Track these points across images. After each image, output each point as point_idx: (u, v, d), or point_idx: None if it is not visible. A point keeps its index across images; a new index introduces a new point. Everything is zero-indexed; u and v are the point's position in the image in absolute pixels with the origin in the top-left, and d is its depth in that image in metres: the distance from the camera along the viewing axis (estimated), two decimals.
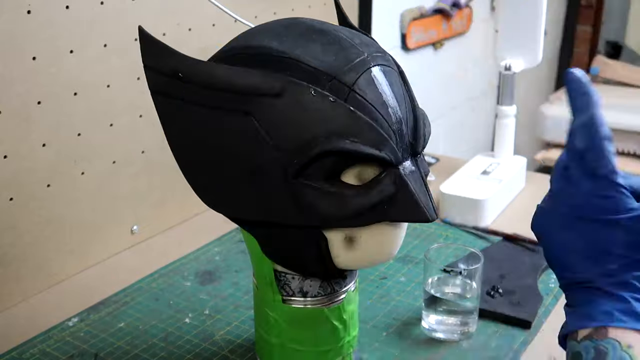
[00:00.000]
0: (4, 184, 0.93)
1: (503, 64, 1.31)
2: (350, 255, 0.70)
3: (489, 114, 2.35)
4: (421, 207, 0.66)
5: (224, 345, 0.88)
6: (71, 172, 1.02)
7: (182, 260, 1.10)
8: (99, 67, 1.02)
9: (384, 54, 0.70)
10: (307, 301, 0.75)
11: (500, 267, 1.03)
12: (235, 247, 1.14)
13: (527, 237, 1.12)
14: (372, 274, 1.04)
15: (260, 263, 0.74)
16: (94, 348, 0.88)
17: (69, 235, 1.04)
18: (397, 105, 0.67)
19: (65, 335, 0.91)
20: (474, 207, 1.19)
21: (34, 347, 0.88)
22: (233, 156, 0.67)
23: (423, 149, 0.70)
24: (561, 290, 0.67)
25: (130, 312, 0.96)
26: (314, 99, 0.63)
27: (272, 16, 1.27)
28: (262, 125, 0.64)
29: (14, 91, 0.92)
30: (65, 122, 0.99)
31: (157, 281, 1.04)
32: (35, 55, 0.93)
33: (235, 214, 0.71)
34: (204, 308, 0.97)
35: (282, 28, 0.69)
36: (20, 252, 0.97)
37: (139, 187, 1.14)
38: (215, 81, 0.65)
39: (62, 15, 0.95)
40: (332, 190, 0.65)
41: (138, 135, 1.11)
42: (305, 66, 0.65)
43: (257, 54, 0.67)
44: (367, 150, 0.63)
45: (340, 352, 0.78)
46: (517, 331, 0.90)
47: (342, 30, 0.70)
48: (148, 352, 0.87)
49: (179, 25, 1.13)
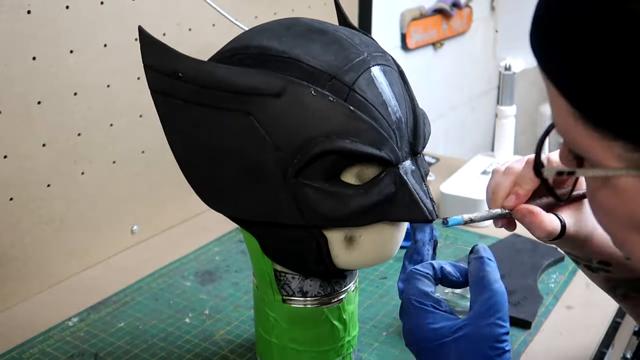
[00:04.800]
0: (4, 184, 0.93)
1: (503, 64, 1.31)
2: (350, 255, 0.70)
3: (489, 114, 2.35)
4: (421, 206, 0.66)
5: (224, 345, 0.88)
6: (71, 172, 1.02)
7: (182, 260, 1.10)
8: (99, 67, 1.02)
9: (384, 53, 0.70)
10: (307, 301, 0.75)
11: (500, 267, 1.03)
12: (235, 247, 1.14)
13: (528, 237, 1.12)
14: (372, 274, 1.04)
15: (260, 263, 0.74)
16: (94, 348, 0.88)
17: (69, 235, 1.04)
18: (397, 104, 0.67)
19: (65, 335, 0.91)
20: (474, 207, 1.19)
21: (34, 347, 0.88)
22: (233, 156, 0.67)
23: (423, 148, 0.70)
24: (561, 291, 0.67)
25: (130, 312, 0.96)
26: (314, 98, 0.63)
27: (272, 16, 1.27)
28: (262, 125, 0.64)
29: (14, 91, 0.92)
30: (65, 122, 0.99)
31: (157, 281, 1.04)
32: (35, 55, 0.93)
33: (235, 214, 0.71)
34: (204, 308, 0.97)
35: (282, 28, 0.69)
36: (20, 252, 0.97)
37: (139, 187, 1.14)
38: (215, 81, 0.65)
39: (62, 15, 0.95)
40: (332, 190, 0.65)
41: (138, 135, 1.11)
42: (305, 66, 0.65)
43: (257, 54, 0.67)
44: (367, 150, 0.63)
45: (340, 352, 0.78)
46: (517, 331, 0.90)
47: (342, 30, 0.70)
48: (148, 352, 0.87)
49: (179, 25, 1.13)
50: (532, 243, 1.11)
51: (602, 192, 0.46)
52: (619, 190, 0.44)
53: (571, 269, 1.05)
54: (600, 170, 0.44)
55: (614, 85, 0.39)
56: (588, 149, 0.44)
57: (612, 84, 0.40)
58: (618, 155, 0.42)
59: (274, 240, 0.71)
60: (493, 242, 1.14)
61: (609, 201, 0.46)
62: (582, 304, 0.97)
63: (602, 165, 0.43)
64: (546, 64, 0.44)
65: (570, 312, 0.96)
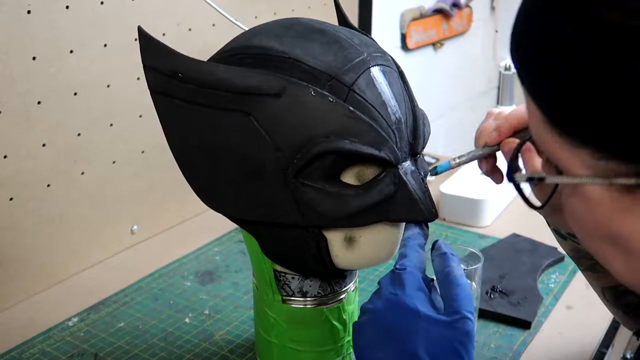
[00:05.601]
0: (4, 184, 0.93)
1: (503, 64, 1.31)
2: (350, 255, 0.70)
3: None
4: (420, 206, 0.66)
5: (224, 345, 0.89)
6: (71, 172, 1.02)
7: (182, 260, 1.10)
8: (99, 67, 1.02)
9: (384, 54, 0.70)
10: (307, 301, 0.75)
11: (500, 267, 1.03)
12: (235, 247, 1.14)
13: (528, 237, 1.13)
14: (372, 274, 1.04)
15: (260, 263, 0.74)
16: (94, 348, 0.88)
17: (69, 235, 1.04)
18: (396, 105, 0.67)
19: (65, 335, 0.91)
20: (474, 207, 1.19)
21: (34, 347, 0.88)
22: (233, 156, 0.67)
23: (423, 149, 0.70)
24: (561, 291, 0.67)
25: (130, 312, 0.96)
26: (313, 99, 0.63)
27: (272, 16, 1.27)
28: (262, 125, 0.64)
29: (14, 91, 0.92)
30: (65, 122, 0.99)
31: (157, 281, 1.04)
32: (35, 55, 0.93)
33: (235, 214, 0.71)
34: (204, 308, 0.97)
35: (281, 28, 0.69)
36: (20, 252, 0.97)
37: (139, 187, 1.14)
38: (215, 81, 0.65)
39: (62, 15, 0.95)
40: (331, 190, 0.65)
41: (138, 135, 1.11)
42: (305, 66, 0.65)
43: (257, 54, 0.67)
44: (367, 150, 0.63)
45: (340, 352, 0.78)
46: (517, 331, 0.90)
47: (342, 30, 0.70)
48: (148, 352, 0.87)
49: (179, 25, 1.13)
50: (532, 243, 1.11)
51: (571, 200, 0.46)
52: (586, 199, 0.44)
53: (571, 269, 1.05)
54: (567, 177, 0.44)
55: (579, 92, 0.40)
56: (557, 155, 0.44)
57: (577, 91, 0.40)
58: (584, 163, 0.42)
59: (273, 241, 0.71)
60: (493, 242, 1.13)
61: (578, 209, 0.46)
62: (582, 304, 0.97)
63: (569, 172, 0.43)
64: (520, 71, 0.45)
65: (570, 312, 0.96)
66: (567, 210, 0.48)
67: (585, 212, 0.45)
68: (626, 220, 0.42)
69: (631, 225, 0.42)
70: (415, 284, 0.62)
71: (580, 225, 0.47)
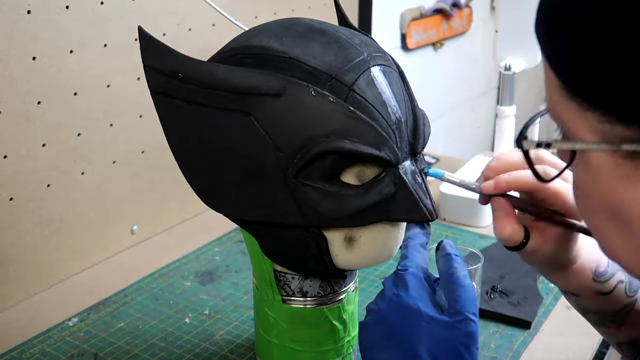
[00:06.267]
0: (4, 184, 0.93)
1: (503, 64, 1.31)
2: (350, 255, 0.70)
3: (489, 114, 2.35)
4: (420, 206, 0.66)
5: (224, 345, 0.89)
6: (71, 172, 1.02)
7: (182, 260, 1.10)
8: (99, 67, 1.02)
9: (384, 54, 0.70)
10: (307, 301, 0.75)
11: (500, 267, 1.03)
12: (235, 247, 1.14)
13: None
14: (372, 274, 1.04)
15: (260, 263, 0.74)
16: (94, 348, 0.88)
17: (69, 235, 1.04)
18: (396, 105, 0.67)
19: (65, 335, 0.91)
20: (474, 207, 1.19)
21: (34, 347, 0.88)
22: (233, 156, 0.67)
23: (423, 148, 0.70)
24: (561, 291, 0.67)
25: (130, 312, 0.96)
26: (313, 99, 0.63)
27: (272, 16, 1.27)
28: (262, 125, 0.64)
29: (14, 91, 0.92)
30: (65, 122, 0.99)
31: (157, 281, 1.04)
32: (35, 55, 0.93)
33: (235, 214, 0.71)
34: (204, 308, 0.97)
35: (281, 28, 0.69)
36: (20, 252, 0.97)
37: (139, 187, 1.14)
38: (215, 81, 0.65)
39: (62, 15, 0.95)
40: (332, 190, 0.65)
41: (138, 135, 1.11)
42: (305, 66, 0.65)
43: (257, 54, 0.67)
44: (367, 150, 0.63)
45: (340, 352, 0.78)
46: (517, 331, 0.90)
47: (342, 30, 0.70)
48: (148, 352, 0.87)
49: (179, 25, 1.13)
50: None
51: (578, 169, 0.47)
52: (590, 166, 0.44)
53: None
54: (574, 143, 0.44)
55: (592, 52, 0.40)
56: (565, 120, 0.45)
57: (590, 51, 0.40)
58: (592, 127, 0.42)
59: (273, 241, 0.71)
60: (493, 242, 1.13)
61: (582, 180, 0.46)
62: None
63: (576, 138, 0.44)
64: (539, 36, 0.46)
65: (570, 312, 0.95)
66: (574, 184, 0.49)
67: (588, 182, 0.45)
68: (627, 188, 0.43)
69: (631, 193, 0.43)
70: (417, 284, 0.62)
71: (584, 199, 0.48)
